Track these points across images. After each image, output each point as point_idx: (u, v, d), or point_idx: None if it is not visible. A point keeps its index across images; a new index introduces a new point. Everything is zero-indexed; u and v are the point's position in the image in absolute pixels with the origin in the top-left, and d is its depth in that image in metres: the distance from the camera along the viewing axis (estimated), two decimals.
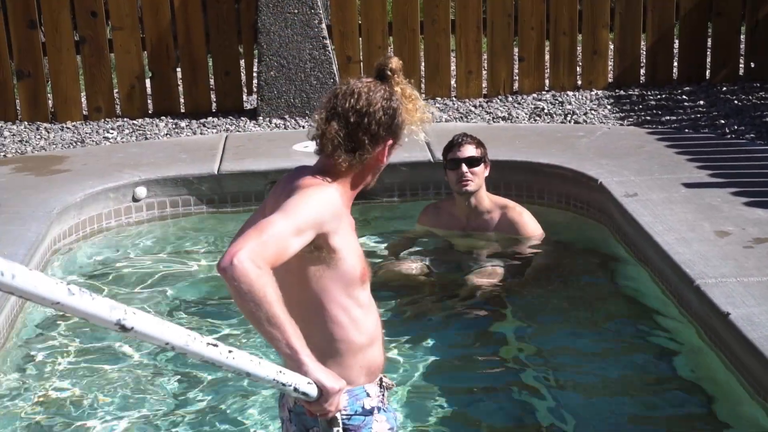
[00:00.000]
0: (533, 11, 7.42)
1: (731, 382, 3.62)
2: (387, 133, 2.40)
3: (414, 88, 2.51)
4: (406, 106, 2.44)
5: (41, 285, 1.55)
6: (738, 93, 7.26)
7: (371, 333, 2.45)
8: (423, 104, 2.49)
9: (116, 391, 3.91)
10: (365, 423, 2.42)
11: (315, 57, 7.03)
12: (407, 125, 2.45)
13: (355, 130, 2.36)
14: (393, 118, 2.39)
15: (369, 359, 2.45)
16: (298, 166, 2.53)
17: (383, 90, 2.40)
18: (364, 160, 2.39)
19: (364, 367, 2.44)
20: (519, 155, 5.87)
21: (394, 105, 2.40)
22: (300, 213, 2.24)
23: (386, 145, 2.42)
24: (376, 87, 2.40)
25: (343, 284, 2.36)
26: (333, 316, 2.37)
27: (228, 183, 5.84)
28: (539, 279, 4.80)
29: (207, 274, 5.03)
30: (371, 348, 2.45)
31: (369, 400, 2.43)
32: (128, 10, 7.25)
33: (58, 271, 5.04)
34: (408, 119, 2.45)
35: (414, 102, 2.47)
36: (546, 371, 4.05)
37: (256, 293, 2.07)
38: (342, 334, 2.39)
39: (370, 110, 2.36)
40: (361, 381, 2.44)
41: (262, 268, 2.09)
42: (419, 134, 2.49)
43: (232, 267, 2.07)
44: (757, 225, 4.54)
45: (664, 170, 5.46)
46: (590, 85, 7.51)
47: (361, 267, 2.39)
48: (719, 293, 3.81)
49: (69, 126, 7.20)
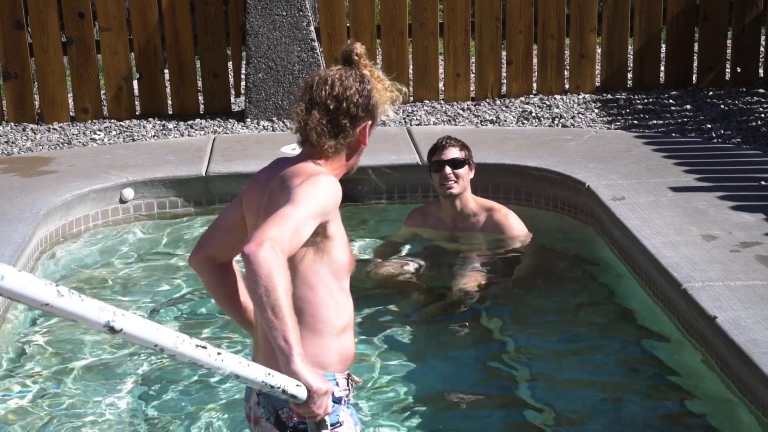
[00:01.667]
0: (521, 15, 7.44)
1: (718, 386, 3.64)
2: (365, 113, 2.51)
3: (380, 69, 2.60)
4: (377, 87, 2.54)
5: (30, 286, 1.54)
6: (724, 97, 7.30)
7: (349, 320, 2.53)
8: (390, 84, 2.58)
9: (94, 389, 3.91)
10: (333, 410, 2.42)
11: (303, 59, 7.03)
12: (381, 105, 2.55)
13: (336, 115, 2.47)
14: (368, 99, 2.50)
15: (344, 346, 2.51)
16: (276, 159, 2.60)
17: (354, 74, 2.51)
18: (349, 143, 2.50)
19: (338, 353, 2.49)
20: (507, 158, 5.88)
21: (367, 87, 2.51)
22: (312, 202, 2.32)
23: (366, 125, 2.52)
24: (347, 72, 2.51)
25: (333, 270, 2.45)
26: (320, 298, 2.45)
27: (216, 185, 5.83)
28: (526, 281, 4.81)
29: (195, 276, 5.01)
30: (347, 335, 2.52)
31: (338, 390, 2.47)
32: (116, 11, 7.23)
33: (45, 273, 5.02)
34: (380, 99, 2.55)
35: (382, 82, 2.56)
36: (533, 372, 4.06)
37: (271, 281, 2.14)
38: (326, 315, 2.45)
39: (347, 94, 2.48)
40: (334, 368, 2.48)
41: (282, 258, 2.18)
42: (388, 112, 2.59)
43: (257, 252, 2.15)
44: (744, 229, 4.56)
45: (652, 174, 5.49)
46: (578, 88, 7.54)
47: (349, 256, 2.49)
48: (706, 297, 3.83)
49: (56, 127, 7.18)
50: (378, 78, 2.55)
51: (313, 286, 2.43)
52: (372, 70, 2.55)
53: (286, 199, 2.34)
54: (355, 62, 2.53)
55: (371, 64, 2.56)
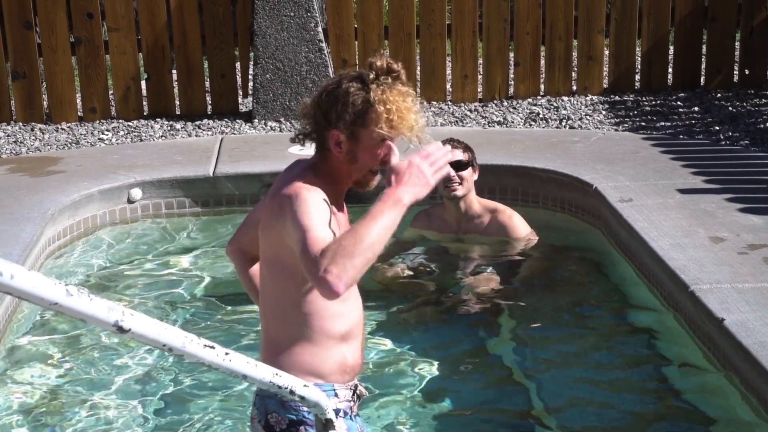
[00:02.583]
0: (529, 16, 7.43)
1: (726, 388, 3.63)
2: (326, 118, 2.39)
3: (403, 94, 2.40)
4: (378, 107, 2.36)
5: (39, 285, 1.54)
6: (732, 99, 7.28)
7: (349, 330, 2.47)
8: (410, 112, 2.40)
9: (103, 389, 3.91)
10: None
11: (311, 60, 7.03)
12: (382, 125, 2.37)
13: (316, 109, 2.40)
14: (347, 106, 2.36)
15: (344, 356, 2.46)
16: (296, 160, 2.55)
17: (354, 80, 2.39)
18: (325, 144, 2.41)
19: (337, 362, 2.45)
20: (514, 160, 5.87)
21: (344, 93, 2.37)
22: (314, 215, 2.27)
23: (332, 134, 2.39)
24: (349, 76, 2.41)
25: None
26: (316, 307, 2.41)
27: (223, 185, 5.84)
28: (532, 282, 4.80)
29: (203, 276, 5.02)
30: (348, 345, 2.47)
31: (335, 401, 2.43)
32: (124, 12, 7.24)
33: (53, 272, 5.03)
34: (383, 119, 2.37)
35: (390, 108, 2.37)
36: (539, 373, 4.06)
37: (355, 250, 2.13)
38: (322, 325, 2.42)
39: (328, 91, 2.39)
40: (333, 378, 2.45)
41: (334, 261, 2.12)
42: (411, 141, 2.46)
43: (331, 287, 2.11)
44: (752, 231, 4.55)
45: (659, 176, 5.48)
46: (585, 90, 7.53)
47: None
48: (714, 299, 3.82)
49: (64, 127, 7.19)
50: (384, 102, 2.36)
51: (310, 298, 2.40)
52: (385, 90, 2.36)
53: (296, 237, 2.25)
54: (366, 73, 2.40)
55: (392, 84, 2.38)
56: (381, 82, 2.38)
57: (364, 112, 2.37)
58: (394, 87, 2.39)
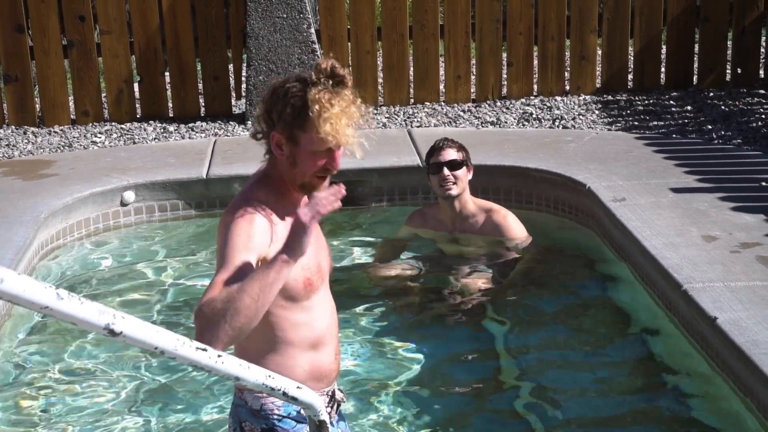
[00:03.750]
0: (521, 16, 7.44)
1: (718, 387, 3.64)
2: (268, 118, 2.36)
3: (344, 100, 2.30)
4: (314, 107, 2.28)
5: (29, 289, 1.54)
6: (725, 98, 7.30)
7: (317, 337, 2.45)
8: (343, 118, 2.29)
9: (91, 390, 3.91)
10: (295, 429, 2.41)
11: (304, 62, 7.04)
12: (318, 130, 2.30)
13: (264, 108, 2.38)
14: (287, 106, 2.31)
15: (313, 364, 2.45)
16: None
17: (297, 81, 2.33)
18: (270, 145, 2.38)
19: (306, 371, 2.43)
20: (507, 160, 5.88)
21: (293, 94, 2.31)
22: (233, 254, 2.25)
23: (274, 136, 2.35)
24: (294, 77, 2.35)
25: (283, 296, 2.33)
26: (272, 318, 2.37)
27: (217, 187, 5.84)
28: (526, 282, 4.81)
29: (195, 278, 5.02)
30: (317, 352, 2.45)
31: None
32: (116, 14, 7.24)
33: (45, 276, 5.03)
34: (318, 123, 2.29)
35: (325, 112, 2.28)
36: (533, 374, 4.06)
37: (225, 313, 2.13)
38: (281, 335, 2.40)
39: (273, 90, 2.36)
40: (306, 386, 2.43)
41: (207, 302, 2.16)
42: (350, 150, 2.35)
43: (198, 326, 2.17)
44: (744, 230, 4.56)
45: (652, 175, 5.49)
46: (578, 90, 7.54)
47: (304, 278, 2.38)
48: (706, 298, 3.83)
49: (57, 130, 7.18)
50: (324, 102, 2.28)
51: (270, 310, 2.31)
52: (324, 94, 2.28)
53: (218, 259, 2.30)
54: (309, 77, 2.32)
55: (333, 86, 2.29)
56: (322, 85, 2.29)
57: (302, 114, 2.29)
58: (335, 92, 2.30)
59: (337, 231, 5.43)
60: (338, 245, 5.24)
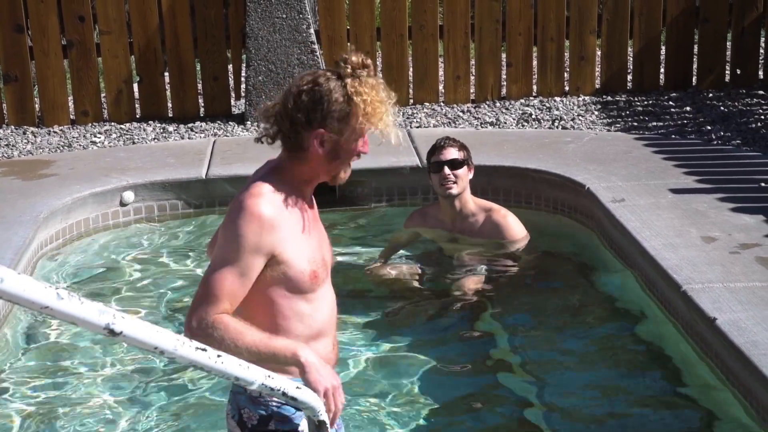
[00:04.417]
0: (521, 17, 7.44)
1: (717, 387, 3.64)
2: (308, 118, 2.36)
3: (375, 87, 2.39)
4: (356, 99, 2.35)
5: (30, 289, 1.55)
6: (724, 99, 7.30)
7: (319, 327, 2.50)
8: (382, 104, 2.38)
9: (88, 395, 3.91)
10: (294, 416, 2.44)
11: (303, 62, 7.04)
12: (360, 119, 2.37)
13: (294, 110, 2.37)
14: (332, 104, 2.34)
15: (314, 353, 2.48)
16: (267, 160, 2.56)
17: (331, 78, 2.36)
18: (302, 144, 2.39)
19: None
20: (507, 161, 5.88)
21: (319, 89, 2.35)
22: (239, 255, 2.32)
23: (314, 134, 2.37)
24: (325, 75, 2.38)
25: (289, 286, 2.41)
26: (276, 309, 2.42)
27: (216, 187, 5.84)
28: (526, 283, 4.81)
29: (194, 279, 5.02)
30: (317, 342, 2.49)
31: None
32: (116, 15, 7.24)
33: (45, 276, 5.03)
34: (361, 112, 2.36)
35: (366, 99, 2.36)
36: (532, 374, 4.06)
37: (220, 346, 2.18)
38: (284, 324, 2.44)
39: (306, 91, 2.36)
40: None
41: (214, 324, 2.27)
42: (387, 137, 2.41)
43: (191, 335, 2.23)
44: (744, 231, 4.57)
45: (652, 176, 5.49)
46: (577, 90, 7.54)
47: (310, 270, 2.43)
48: (706, 299, 3.83)
49: (56, 130, 7.18)
50: (360, 94, 2.35)
51: (270, 301, 2.41)
52: (359, 84, 2.36)
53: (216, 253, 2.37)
54: (342, 68, 2.38)
55: (368, 78, 2.38)
56: (357, 76, 2.37)
57: (346, 107, 2.36)
58: (368, 80, 2.39)
59: (337, 231, 5.43)
60: (338, 245, 5.24)
